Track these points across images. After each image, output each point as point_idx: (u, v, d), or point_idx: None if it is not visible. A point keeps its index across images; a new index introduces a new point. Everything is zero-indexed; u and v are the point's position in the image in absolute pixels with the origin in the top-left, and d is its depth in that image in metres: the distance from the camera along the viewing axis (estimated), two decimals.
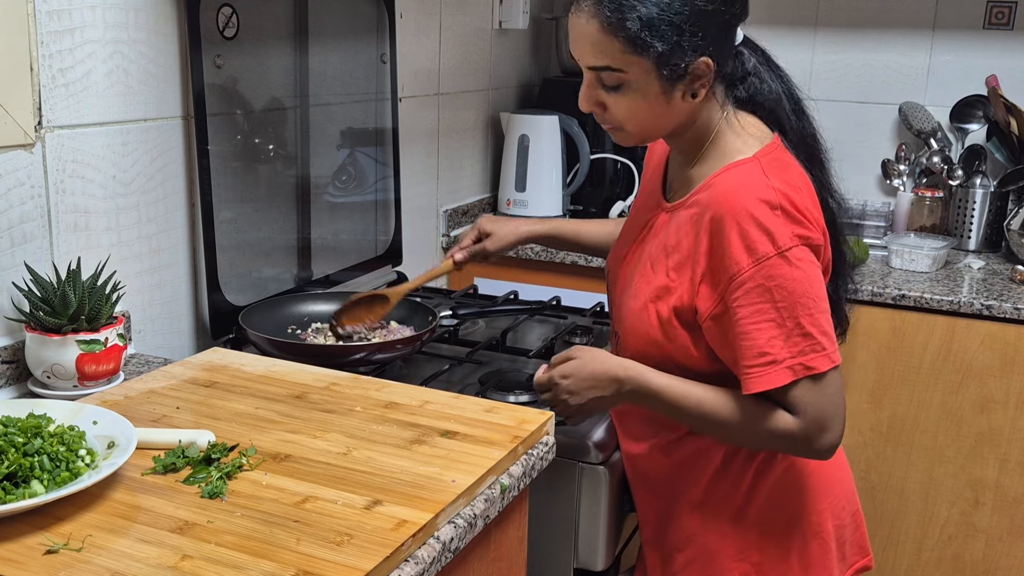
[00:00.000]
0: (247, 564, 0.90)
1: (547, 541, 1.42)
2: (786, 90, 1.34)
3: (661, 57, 1.20)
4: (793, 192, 1.22)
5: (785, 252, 1.19)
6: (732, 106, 1.31)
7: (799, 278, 1.19)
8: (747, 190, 1.21)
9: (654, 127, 1.29)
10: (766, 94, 1.32)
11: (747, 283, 1.19)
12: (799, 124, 1.34)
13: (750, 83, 1.32)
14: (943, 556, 2.30)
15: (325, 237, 1.98)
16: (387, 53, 2.09)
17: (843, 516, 1.41)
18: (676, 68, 1.22)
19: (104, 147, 1.48)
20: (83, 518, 0.97)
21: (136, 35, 1.51)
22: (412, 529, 0.97)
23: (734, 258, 1.20)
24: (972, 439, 2.22)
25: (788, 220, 1.20)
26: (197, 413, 1.24)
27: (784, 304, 1.19)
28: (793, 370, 1.19)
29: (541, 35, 2.98)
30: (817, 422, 1.21)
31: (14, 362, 1.38)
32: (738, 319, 1.20)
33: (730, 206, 1.21)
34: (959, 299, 2.15)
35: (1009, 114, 2.50)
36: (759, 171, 1.24)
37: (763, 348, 1.19)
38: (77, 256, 1.43)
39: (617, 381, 1.29)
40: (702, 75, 1.24)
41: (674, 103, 1.25)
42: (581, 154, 2.65)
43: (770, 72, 1.33)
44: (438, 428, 1.21)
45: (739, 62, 1.31)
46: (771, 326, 1.19)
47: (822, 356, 1.20)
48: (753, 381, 1.21)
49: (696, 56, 1.21)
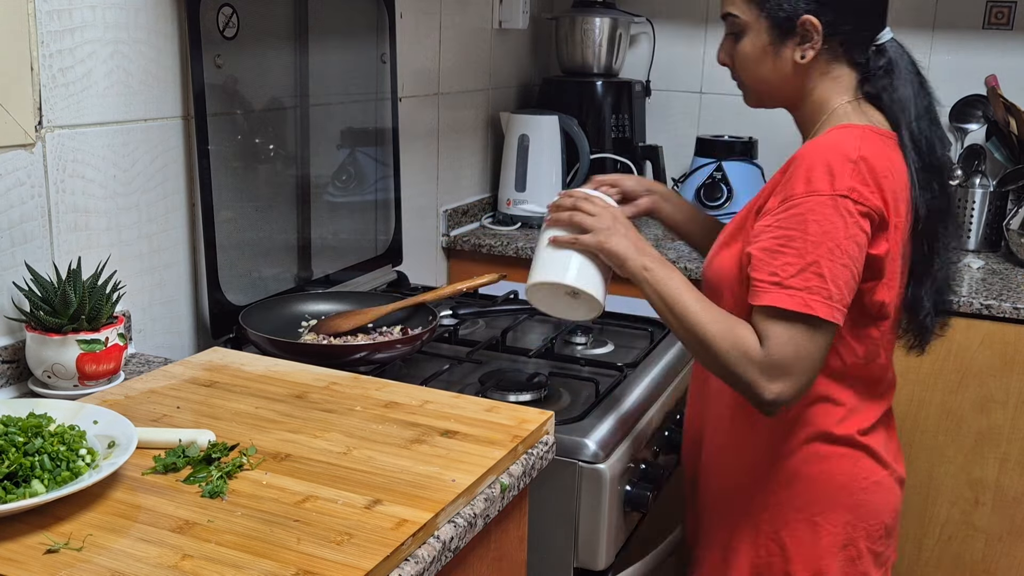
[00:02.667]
0: (247, 563, 0.90)
1: (547, 541, 1.42)
2: (925, 105, 1.34)
3: (767, 2, 1.30)
4: (875, 161, 1.24)
5: (837, 196, 1.21)
6: (861, 96, 1.34)
7: (838, 225, 1.21)
8: (836, 143, 1.26)
9: (765, 83, 1.36)
10: (896, 94, 1.33)
11: (792, 208, 1.23)
12: (925, 134, 1.33)
13: (882, 79, 1.33)
14: (943, 556, 2.30)
15: (325, 237, 1.98)
16: (387, 53, 2.09)
17: (876, 532, 1.42)
18: (783, 20, 1.29)
19: (104, 147, 1.48)
20: (84, 517, 0.98)
21: (136, 35, 1.51)
22: (412, 528, 0.97)
23: (792, 185, 1.24)
24: (972, 439, 2.22)
25: (855, 173, 1.22)
26: (197, 413, 1.24)
27: (813, 239, 1.21)
28: (793, 299, 1.21)
29: (541, 35, 2.98)
30: (777, 364, 1.21)
31: (14, 362, 1.38)
32: (769, 236, 1.24)
33: (812, 151, 1.25)
34: (959, 299, 2.15)
35: (1009, 114, 2.50)
36: (856, 135, 1.27)
37: (776, 269, 1.22)
38: (77, 256, 1.43)
39: (648, 250, 1.34)
40: (810, 35, 1.29)
41: (783, 61, 1.32)
42: (581, 154, 2.65)
43: (913, 81, 1.34)
44: (438, 428, 1.21)
45: (877, 56, 1.34)
46: (792, 253, 1.22)
47: (825, 304, 1.21)
48: (757, 294, 1.24)
49: (802, 11, 1.28)
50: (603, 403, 1.51)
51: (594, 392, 1.54)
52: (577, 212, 1.38)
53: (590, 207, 1.39)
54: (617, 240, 1.34)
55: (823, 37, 1.30)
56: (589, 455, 1.39)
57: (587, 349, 1.80)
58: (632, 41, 2.93)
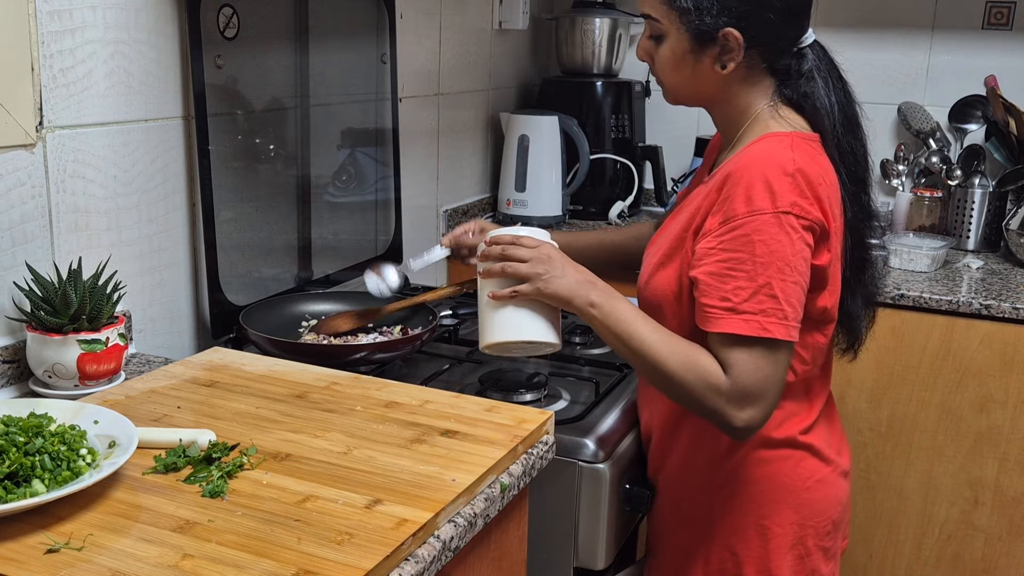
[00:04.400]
0: (248, 563, 0.90)
1: (547, 541, 1.42)
2: (842, 102, 1.34)
3: (685, 13, 1.28)
4: (810, 170, 1.24)
5: (779, 214, 1.20)
6: (780, 100, 1.33)
7: (784, 243, 1.20)
8: (768, 156, 1.24)
9: (683, 86, 1.35)
10: (817, 100, 1.33)
11: (736, 229, 1.21)
12: (846, 140, 1.34)
13: (802, 85, 1.33)
14: (942, 555, 2.30)
15: (325, 237, 1.98)
16: (387, 53, 2.10)
17: (822, 528, 1.42)
18: (701, 30, 1.27)
19: (105, 147, 1.48)
20: (84, 517, 0.98)
21: (137, 35, 1.52)
22: (412, 528, 0.97)
23: (733, 205, 1.22)
24: (971, 439, 2.22)
25: (794, 187, 1.22)
26: (198, 412, 1.25)
27: (762, 260, 1.20)
28: (749, 324, 1.20)
29: (541, 35, 2.98)
30: (745, 392, 1.21)
31: (15, 362, 1.38)
32: (715, 260, 1.22)
33: (747, 166, 1.24)
34: (958, 299, 2.16)
35: (1008, 114, 2.50)
36: (787, 145, 1.26)
37: (727, 294, 1.21)
38: (78, 256, 1.43)
39: (591, 283, 1.31)
40: (731, 47, 1.28)
41: (702, 68, 1.31)
42: (581, 154, 2.65)
43: (832, 82, 1.34)
44: (438, 427, 1.22)
45: (797, 61, 1.32)
46: (743, 276, 1.21)
47: (782, 325, 1.21)
48: (710, 321, 1.22)
49: (721, 24, 1.26)
50: (603, 403, 1.51)
51: (594, 392, 1.54)
52: (508, 262, 1.34)
53: (521, 252, 1.33)
54: (556, 283, 1.31)
55: (743, 49, 1.28)
56: (589, 455, 1.39)
57: (587, 349, 1.80)
58: (632, 41, 2.93)
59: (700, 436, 1.39)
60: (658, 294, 1.34)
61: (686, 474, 1.44)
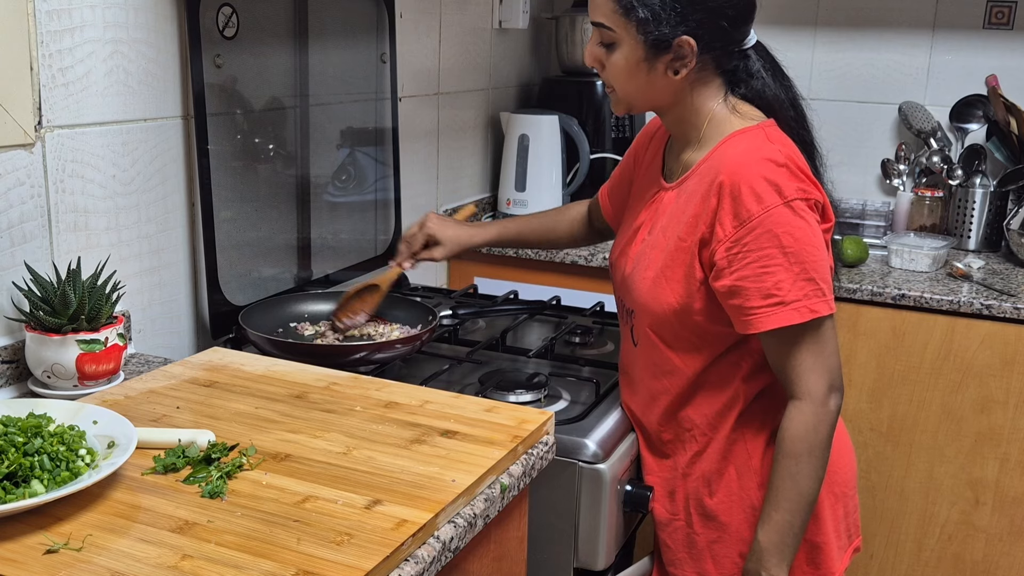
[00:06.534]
0: (247, 564, 0.90)
1: (547, 541, 1.42)
2: (790, 99, 1.39)
3: (643, 23, 1.28)
4: (795, 154, 1.30)
5: (790, 202, 1.26)
6: (735, 97, 1.36)
7: (803, 227, 1.26)
8: (754, 152, 1.29)
9: (637, 94, 1.36)
10: (767, 98, 1.37)
11: (756, 229, 1.25)
12: (799, 132, 1.38)
13: (752, 85, 1.37)
14: (943, 556, 2.30)
15: (325, 237, 1.98)
16: (387, 53, 2.09)
17: (848, 501, 1.46)
18: (657, 39, 1.29)
19: (104, 147, 1.48)
20: (83, 518, 0.97)
21: (136, 35, 1.51)
22: (412, 529, 0.97)
23: (745, 207, 1.26)
24: (972, 439, 2.22)
25: (792, 176, 1.27)
26: (197, 413, 1.24)
27: (791, 249, 1.25)
28: (799, 312, 1.25)
29: (541, 35, 2.98)
30: (817, 390, 1.28)
31: (14, 362, 1.38)
32: (747, 263, 1.26)
33: (738, 168, 1.28)
34: (959, 299, 2.15)
35: (1009, 114, 2.50)
36: (764, 137, 1.31)
37: (770, 290, 1.26)
38: (77, 256, 1.43)
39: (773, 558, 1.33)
40: (685, 54, 1.30)
41: (656, 75, 1.32)
42: (581, 154, 2.65)
43: (776, 80, 1.38)
44: (438, 428, 1.21)
45: (745, 63, 1.36)
46: (779, 270, 1.25)
47: (824, 301, 1.27)
48: (760, 320, 1.27)
49: (678, 32, 1.28)
50: (603, 403, 1.51)
51: (594, 392, 1.54)
52: None
53: None
54: None
55: (696, 56, 1.30)
56: (589, 455, 1.39)
57: (587, 349, 1.80)
58: None
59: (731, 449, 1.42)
60: (665, 306, 1.36)
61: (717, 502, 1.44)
